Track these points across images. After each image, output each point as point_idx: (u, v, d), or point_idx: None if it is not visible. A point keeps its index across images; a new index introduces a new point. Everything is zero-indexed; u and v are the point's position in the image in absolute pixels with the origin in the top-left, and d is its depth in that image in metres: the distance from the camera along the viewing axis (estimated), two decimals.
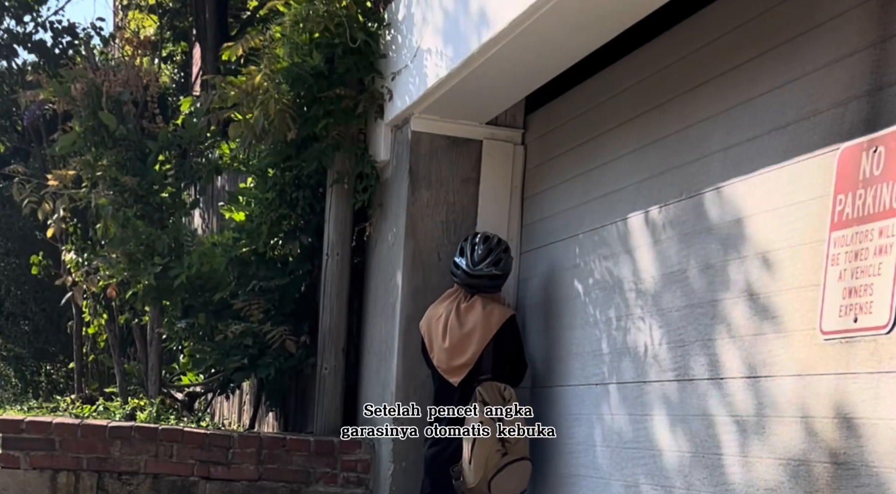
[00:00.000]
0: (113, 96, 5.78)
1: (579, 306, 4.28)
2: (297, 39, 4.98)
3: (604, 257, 4.11)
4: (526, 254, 4.86)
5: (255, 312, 5.37)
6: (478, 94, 4.44)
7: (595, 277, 4.18)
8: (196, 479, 4.78)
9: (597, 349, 4.12)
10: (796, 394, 2.95)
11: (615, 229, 4.03)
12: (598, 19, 3.54)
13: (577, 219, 4.36)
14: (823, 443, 2.84)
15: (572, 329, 4.32)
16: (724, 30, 3.45)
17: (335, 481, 4.93)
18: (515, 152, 4.93)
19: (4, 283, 10.48)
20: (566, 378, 4.36)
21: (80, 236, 6.61)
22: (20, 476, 4.67)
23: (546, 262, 4.63)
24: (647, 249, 3.81)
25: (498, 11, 3.75)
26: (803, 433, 2.91)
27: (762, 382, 3.11)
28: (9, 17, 9.36)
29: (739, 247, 3.27)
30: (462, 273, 4.38)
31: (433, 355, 4.42)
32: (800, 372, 2.95)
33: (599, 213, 4.17)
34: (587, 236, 4.26)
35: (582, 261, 4.29)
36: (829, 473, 2.81)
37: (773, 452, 3.04)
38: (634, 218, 3.89)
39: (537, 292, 4.70)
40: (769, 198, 3.16)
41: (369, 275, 5.29)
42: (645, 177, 3.85)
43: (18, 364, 11.72)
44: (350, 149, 5.11)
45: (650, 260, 3.79)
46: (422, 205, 4.84)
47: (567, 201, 4.47)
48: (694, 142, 3.57)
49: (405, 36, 4.72)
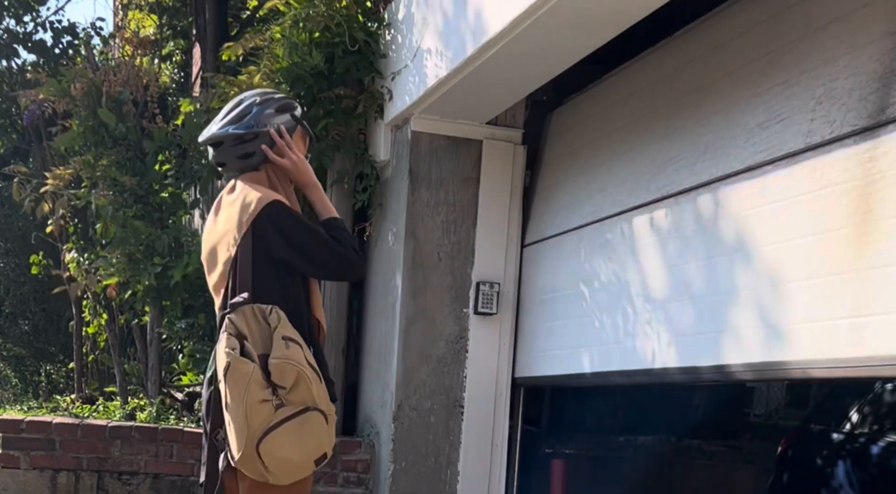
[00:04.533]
0: (113, 96, 5.79)
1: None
2: (297, 39, 4.98)
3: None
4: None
5: None
6: (478, 94, 4.44)
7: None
8: (196, 479, 4.77)
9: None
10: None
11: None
12: (597, 19, 3.54)
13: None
14: None
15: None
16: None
17: (335, 481, 4.93)
18: (515, 152, 4.93)
19: (4, 283, 10.47)
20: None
21: (80, 236, 6.60)
22: (20, 475, 4.66)
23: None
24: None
25: (497, 11, 3.74)
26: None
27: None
28: (9, 17, 9.34)
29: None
30: (208, 146, 3.04)
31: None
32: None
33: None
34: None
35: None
36: None
37: None
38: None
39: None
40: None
41: (369, 275, 5.29)
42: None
43: (18, 364, 11.71)
44: (350, 149, 5.11)
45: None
46: (422, 205, 4.84)
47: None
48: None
49: (405, 36, 4.72)
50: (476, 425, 4.92)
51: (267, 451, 2.66)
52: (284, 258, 2.82)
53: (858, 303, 2.94)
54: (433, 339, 4.86)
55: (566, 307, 4.58)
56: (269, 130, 2.92)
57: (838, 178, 3.03)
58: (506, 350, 4.96)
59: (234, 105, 2.98)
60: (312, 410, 2.71)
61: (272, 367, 2.65)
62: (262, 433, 2.66)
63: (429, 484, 4.88)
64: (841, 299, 2.99)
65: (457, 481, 4.90)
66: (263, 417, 2.66)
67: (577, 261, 4.49)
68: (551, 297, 4.73)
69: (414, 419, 4.84)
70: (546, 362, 4.78)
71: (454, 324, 4.88)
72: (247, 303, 2.74)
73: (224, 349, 2.70)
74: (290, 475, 2.72)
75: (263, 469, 2.67)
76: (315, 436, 2.71)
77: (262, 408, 2.66)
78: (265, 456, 2.65)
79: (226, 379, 2.67)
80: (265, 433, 2.66)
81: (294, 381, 2.67)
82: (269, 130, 2.92)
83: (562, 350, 4.63)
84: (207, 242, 2.99)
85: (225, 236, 2.90)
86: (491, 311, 4.88)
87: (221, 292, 2.88)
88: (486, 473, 4.95)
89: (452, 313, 4.88)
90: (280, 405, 2.68)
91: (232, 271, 2.84)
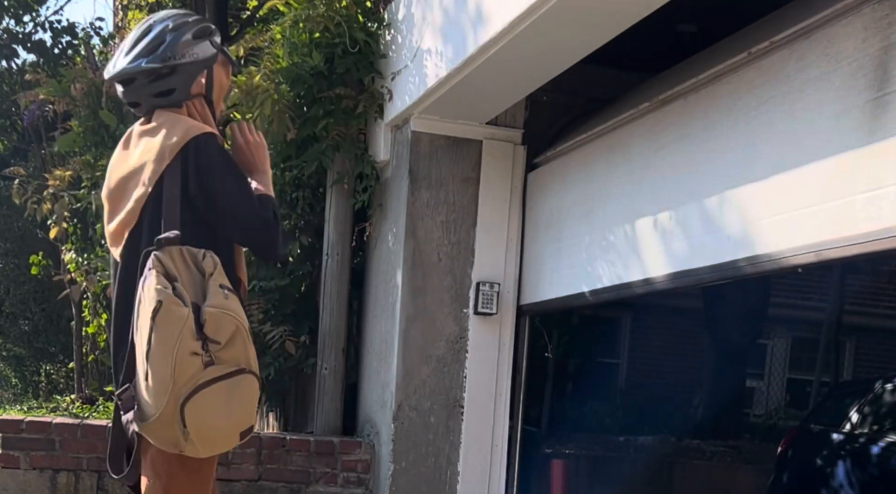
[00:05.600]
0: (113, 96, 5.79)
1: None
2: (297, 39, 4.98)
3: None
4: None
5: (255, 312, 5.37)
6: (478, 94, 4.44)
7: None
8: None
9: None
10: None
11: None
12: (597, 18, 3.53)
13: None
14: None
15: None
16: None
17: (335, 481, 4.93)
18: (515, 152, 4.93)
19: (4, 283, 10.48)
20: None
21: (80, 237, 6.61)
22: (20, 476, 4.66)
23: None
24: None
25: (497, 11, 3.74)
26: None
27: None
28: (8, 17, 9.35)
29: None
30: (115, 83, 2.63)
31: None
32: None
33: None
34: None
35: None
36: None
37: None
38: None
39: None
40: None
41: (369, 275, 5.29)
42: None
43: (18, 364, 11.72)
44: (350, 149, 5.11)
45: None
46: (422, 205, 4.84)
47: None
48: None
49: (405, 36, 4.72)
50: (476, 425, 4.92)
51: (192, 413, 2.22)
52: (201, 203, 2.42)
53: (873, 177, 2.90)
54: (433, 339, 4.86)
55: (573, 227, 4.56)
56: (188, 61, 2.51)
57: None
58: (506, 350, 4.96)
59: (142, 32, 2.54)
60: (247, 373, 2.30)
61: (208, 316, 2.25)
62: (190, 391, 2.22)
63: (429, 484, 4.88)
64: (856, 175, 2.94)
65: (457, 481, 4.90)
66: (192, 373, 2.23)
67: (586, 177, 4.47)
68: (557, 218, 4.72)
69: (414, 419, 4.84)
70: (552, 285, 4.76)
71: (454, 324, 4.88)
72: (175, 243, 2.32)
73: (154, 285, 2.25)
74: (211, 445, 2.31)
75: (180, 436, 2.25)
76: (246, 404, 2.31)
77: (192, 363, 2.23)
78: (189, 419, 2.23)
79: (154, 322, 2.23)
80: (193, 391, 2.22)
81: (230, 336, 2.28)
82: (188, 63, 2.51)
83: (568, 271, 4.62)
84: (113, 176, 2.54)
85: (140, 169, 2.44)
86: (491, 311, 4.88)
87: (126, 236, 2.48)
88: (486, 473, 4.95)
89: (452, 313, 4.88)
90: (210, 362, 2.24)
91: (147, 210, 2.42)
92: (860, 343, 11.56)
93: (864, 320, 11.06)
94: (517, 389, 5.05)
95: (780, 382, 11.36)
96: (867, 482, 5.35)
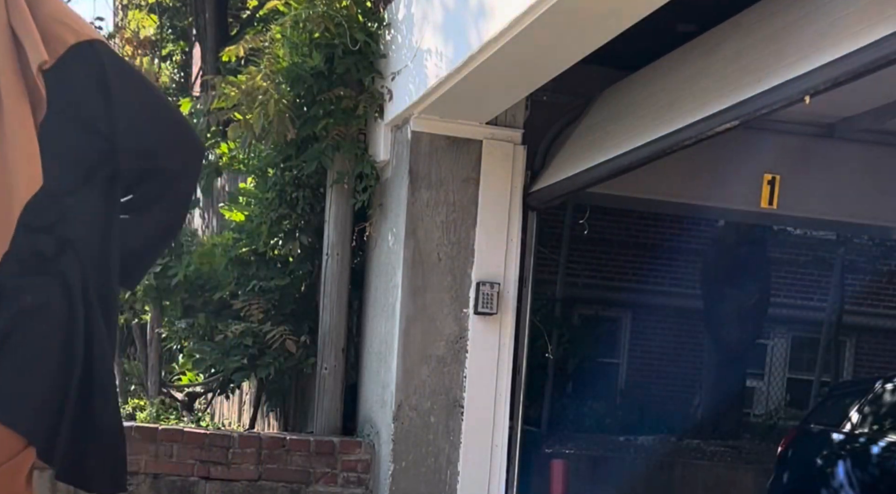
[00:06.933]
0: None
1: None
2: (297, 40, 4.98)
3: None
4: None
5: (255, 312, 5.37)
6: (478, 93, 4.44)
7: None
8: (196, 479, 4.77)
9: None
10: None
11: None
12: (597, 18, 3.53)
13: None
14: None
15: None
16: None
17: (335, 481, 4.93)
18: (515, 152, 4.93)
19: None
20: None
21: None
22: None
23: None
24: None
25: (497, 11, 3.74)
26: None
27: None
28: None
29: None
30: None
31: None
32: None
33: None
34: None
35: None
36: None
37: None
38: None
39: None
40: None
41: (369, 275, 5.29)
42: None
43: None
44: (350, 149, 5.11)
45: None
46: (422, 205, 4.84)
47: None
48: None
49: (405, 36, 4.72)
50: (476, 425, 4.92)
51: None
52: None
53: None
54: (433, 339, 4.86)
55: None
56: None
57: None
58: (506, 350, 4.96)
59: None
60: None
61: None
62: None
63: (429, 484, 4.88)
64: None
65: (457, 481, 4.90)
66: None
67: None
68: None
69: (414, 419, 4.84)
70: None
71: (454, 324, 4.88)
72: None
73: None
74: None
75: None
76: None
77: None
78: None
79: None
80: None
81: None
82: None
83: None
84: None
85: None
86: (491, 311, 4.87)
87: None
88: (486, 473, 4.95)
89: (452, 313, 4.88)
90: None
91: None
92: (860, 343, 11.56)
93: (864, 320, 11.06)
94: (517, 389, 5.05)
95: (780, 382, 11.36)
96: (867, 481, 5.35)
